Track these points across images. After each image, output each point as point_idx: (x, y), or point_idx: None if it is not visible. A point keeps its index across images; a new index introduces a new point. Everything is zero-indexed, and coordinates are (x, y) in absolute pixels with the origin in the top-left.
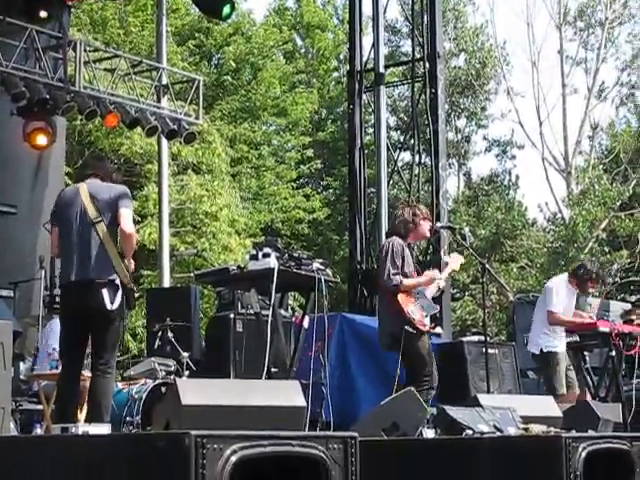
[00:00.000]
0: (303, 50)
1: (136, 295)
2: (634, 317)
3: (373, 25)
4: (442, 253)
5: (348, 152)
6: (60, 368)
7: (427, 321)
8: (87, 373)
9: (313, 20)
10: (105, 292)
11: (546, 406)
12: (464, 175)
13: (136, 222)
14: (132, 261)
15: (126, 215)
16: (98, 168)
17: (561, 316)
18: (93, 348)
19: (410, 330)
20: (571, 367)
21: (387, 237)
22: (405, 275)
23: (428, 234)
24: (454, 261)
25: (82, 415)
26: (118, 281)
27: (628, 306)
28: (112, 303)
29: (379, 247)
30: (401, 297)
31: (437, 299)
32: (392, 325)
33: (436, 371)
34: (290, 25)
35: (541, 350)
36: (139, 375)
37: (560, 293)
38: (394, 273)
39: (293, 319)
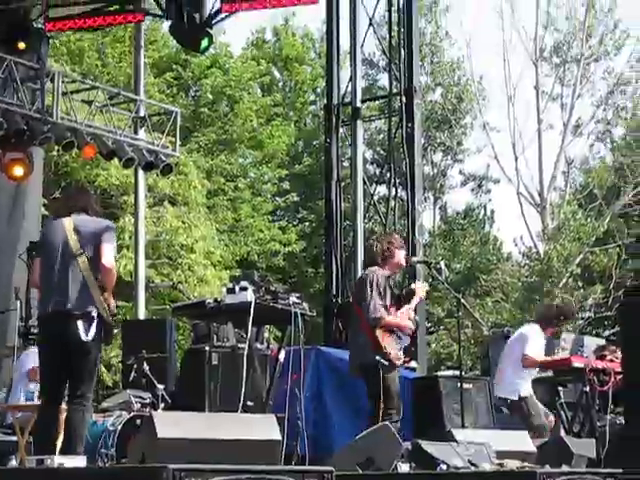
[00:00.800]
0: (281, 83)
1: (115, 331)
2: (607, 353)
3: (350, 59)
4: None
5: (324, 185)
6: (40, 401)
7: (401, 354)
8: (63, 405)
9: (291, 53)
10: (80, 323)
11: (520, 441)
12: (440, 209)
13: None
14: (112, 297)
15: (108, 250)
16: (82, 201)
17: (536, 358)
18: (69, 380)
19: (383, 362)
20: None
21: (366, 267)
22: (385, 308)
23: (403, 263)
24: (420, 288)
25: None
26: (95, 313)
27: (602, 341)
28: (87, 334)
29: (357, 278)
30: (380, 331)
31: (412, 333)
32: (363, 355)
33: (401, 405)
34: (268, 58)
35: (519, 396)
36: (114, 407)
37: (536, 339)
38: (380, 305)
39: (269, 352)
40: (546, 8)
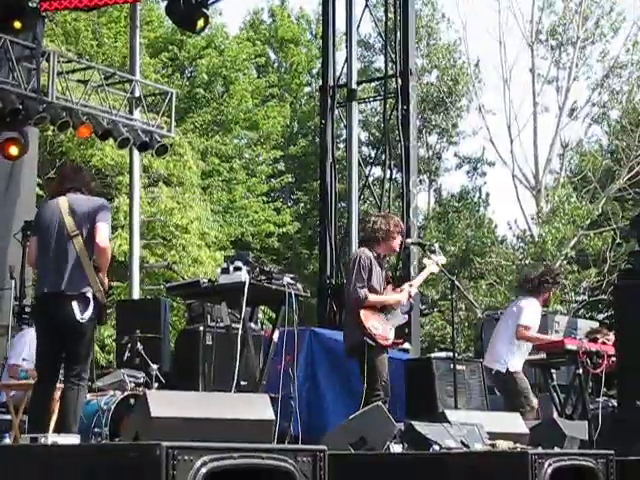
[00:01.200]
0: (276, 64)
1: (108, 311)
2: (598, 336)
3: (346, 41)
4: (412, 268)
5: (319, 166)
6: (35, 380)
7: (391, 334)
8: (59, 384)
9: (287, 35)
10: (75, 304)
11: (513, 423)
12: (434, 191)
13: None
14: (106, 276)
15: (103, 229)
16: (78, 180)
17: (531, 333)
18: (65, 360)
19: (370, 342)
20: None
21: (360, 245)
22: (372, 288)
23: (398, 249)
24: (434, 264)
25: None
26: (90, 294)
27: (596, 324)
28: (82, 315)
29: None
30: (364, 311)
31: (405, 314)
32: (353, 336)
33: (389, 385)
34: (264, 39)
35: (507, 370)
36: (108, 387)
37: (533, 311)
38: (360, 287)
39: (263, 333)
40: None
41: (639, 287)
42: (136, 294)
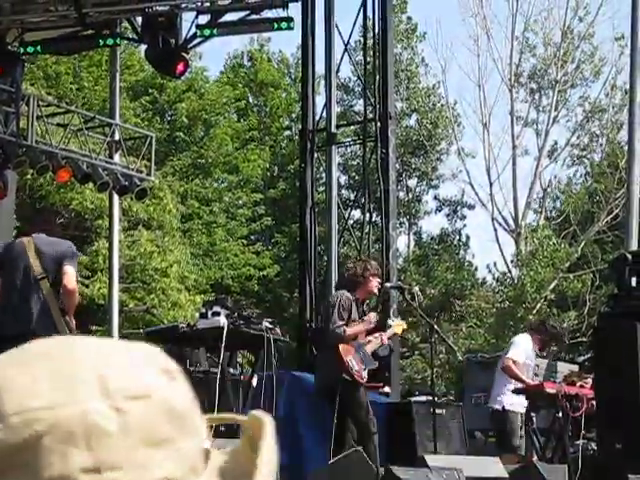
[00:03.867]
0: (256, 108)
1: None
2: (576, 379)
3: (325, 84)
4: (390, 314)
5: (299, 210)
6: None
7: (365, 374)
8: None
9: (267, 78)
10: None
11: (492, 467)
12: (414, 234)
13: (86, 277)
14: (73, 319)
15: (70, 272)
16: (45, 222)
17: (515, 368)
18: None
19: (348, 379)
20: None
21: (336, 289)
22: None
23: (375, 291)
24: (397, 325)
25: None
26: None
27: (575, 367)
28: None
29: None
30: (342, 347)
31: (385, 358)
32: (329, 374)
33: (374, 418)
34: (244, 82)
35: (503, 407)
36: None
37: (523, 348)
38: (340, 324)
39: (242, 377)
40: (522, 34)
41: (617, 330)
42: (115, 338)
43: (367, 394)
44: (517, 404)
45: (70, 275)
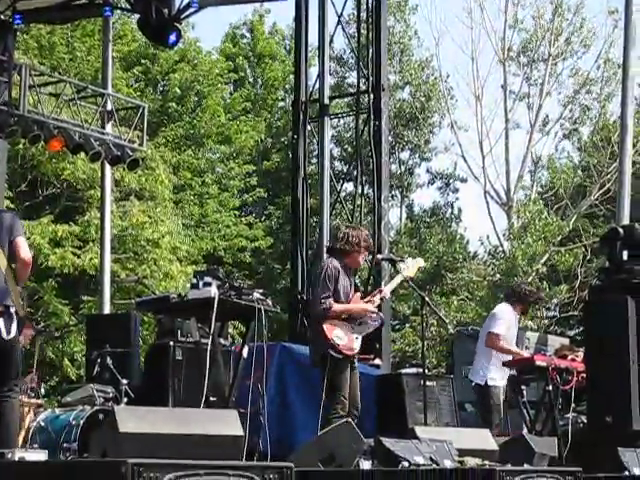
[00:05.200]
0: (252, 79)
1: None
2: (567, 352)
3: (318, 56)
4: (383, 284)
5: (291, 182)
6: None
7: (356, 344)
8: (25, 398)
9: (265, 50)
10: (1, 322)
11: (482, 439)
12: (407, 207)
13: (77, 247)
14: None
15: (24, 243)
16: None
17: (500, 341)
18: None
19: (334, 354)
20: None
21: (327, 253)
22: (338, 297)
23: (360, 264)
24: (409, 268)
25: (19, 441)
26: (13, 309)
27: (566, 341)
28: (8, 333)
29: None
30: (328, 321)
31: (377, 330)
32: (316, 348)
33: (357, 401)
34: (243, 53)
35: (485, 382)
36: (76, 401)
37: (505, 319)
38: (324, 296)
39: (233, 348)
40: (513, 8)
41: (608, 304)
42: (107, 309)
43: (348, 373)
44: (498, 378)
45: (25, 246)
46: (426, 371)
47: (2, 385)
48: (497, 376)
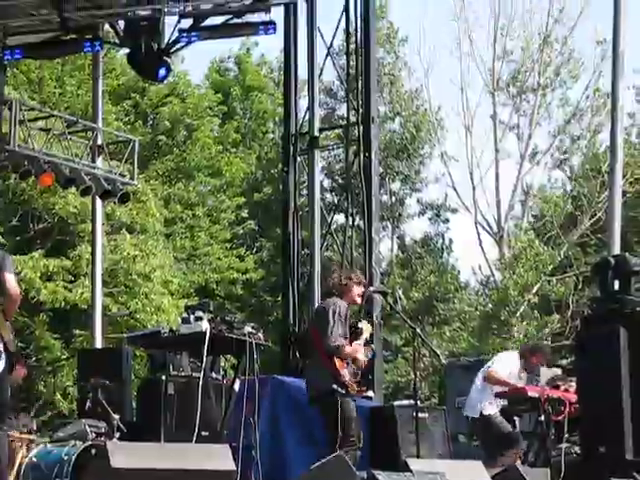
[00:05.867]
0: (241, 111)
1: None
2: (560, 383)
3: (308, 89)
4: (375, 316)
5: (282, 214)
6: None
7: (355, 387)
8: (16, 434)
9: (253, 83)
10: None
11: (475, 471)
12: (398, 238)
13: (69, 282)
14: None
15: (12, 278)
16: None
17: (499, 375)
18: None
19: (340, 391)
20: None
21: (326, 297)
22: (344, 337)
23: (358, 300)
24: (366, 330)
25: (11, 477)
26: (1, 346)
27: (558, 371)
28: None
29: (315, 307)
30: (337, 360)
31: (369, 361)
32: (320, 383)
33: (361, 432)
34: (230, 86)
35: (481, 413)
36: (69, 437)
37: (508, 365)
38: (340, 335)
39: (225, 382)
40: (502, 39)
41: (600, 334)
42: (99, 343)
43: (354, 407)
44: (492, 407)
45: (13, 281)
46: (419, 403)
47: None
48: (490, 407)
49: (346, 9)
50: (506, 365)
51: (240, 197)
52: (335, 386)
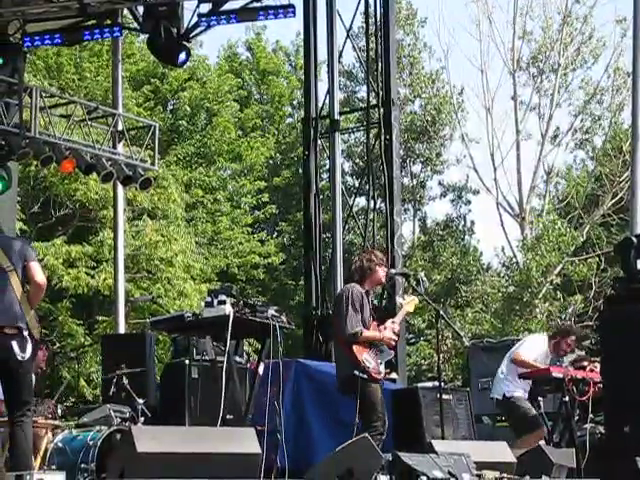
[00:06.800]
0: (258, 96)
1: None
2: (585, 363)
3: (328, 71)
4: (397, 297)
5: (303, 198)
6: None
7: (382, 368)
8: (42, 420)
9: (268, 66)
10: (15, 343)
11: (500, 452)
12: (419, 220)
13: (91, 268)
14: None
15: (38, 267)
16: None
17: (526, 358)
18: (13, 397)
19: (362, 376)
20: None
21: (345, 283)
22: (363, 323)
23: (383, 280)
24: (408, 303)
25: (37, 462)
26: (27, 332)
27: (582, 352)
28: (22, 355)
29: (336, 293)
30: (356, 345)
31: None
32: (345, 370)
33: (386, 417)
34: (245, 71)
35: (504, 395)
36: (94, 422)
37: (534, 344)
38: (355, 321)
39: (248, 365)
40: (522, 19)
41: (623, 314)
42: (122, 328)
43: (381, 391)
44: (516, 390)
45: (39, 270)
46: (442, 384)
47: (16, 409)
48: (514, 389)
49: None
50: (533, 348)
51: (261, 181)
52: (356, 372)
